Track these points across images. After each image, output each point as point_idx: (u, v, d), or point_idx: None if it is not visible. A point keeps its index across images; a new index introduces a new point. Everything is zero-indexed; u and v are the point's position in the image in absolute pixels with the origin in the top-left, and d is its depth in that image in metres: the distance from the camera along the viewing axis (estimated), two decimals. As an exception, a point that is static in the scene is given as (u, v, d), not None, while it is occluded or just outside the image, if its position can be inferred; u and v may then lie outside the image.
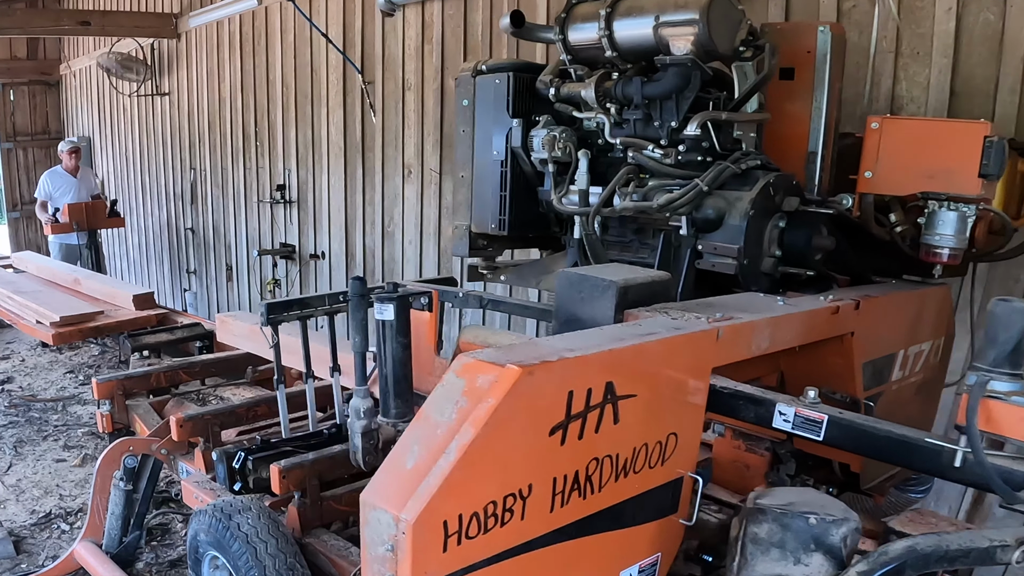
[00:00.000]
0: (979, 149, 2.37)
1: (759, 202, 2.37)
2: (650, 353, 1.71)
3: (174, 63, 8.83)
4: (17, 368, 6.67)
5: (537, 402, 1.48)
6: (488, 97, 2.85)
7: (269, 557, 2.56)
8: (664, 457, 1.77)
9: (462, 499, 1.41)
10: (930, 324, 2.78)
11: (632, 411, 1.64)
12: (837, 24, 2.84)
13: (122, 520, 3.44)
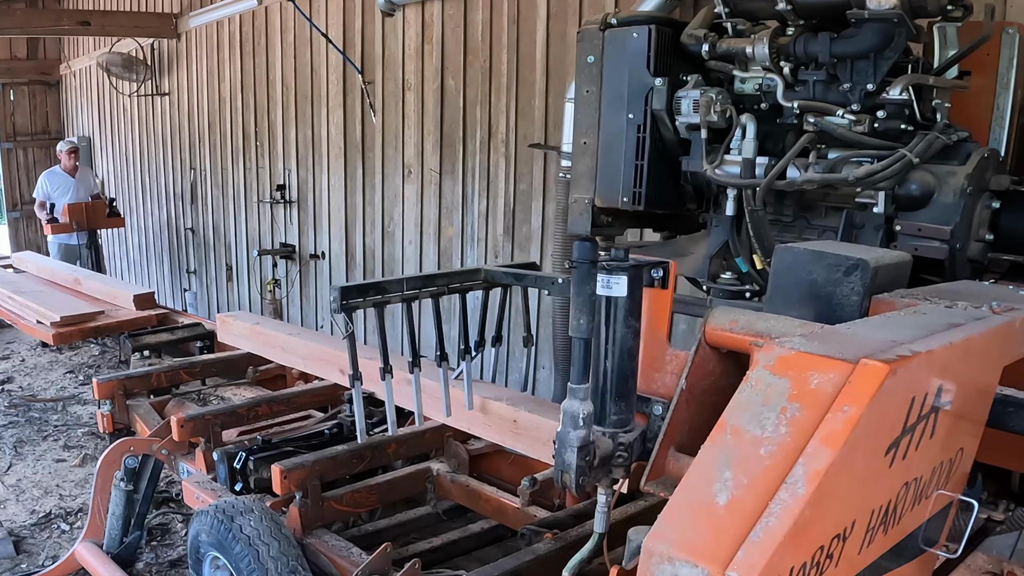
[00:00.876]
0: None
1: (975, 178, 2.08)
2: (976, 349, 1.38)
3: (174, 63, 8.83)
4: (17, 368, 6.67)
5: (888, 411, 1.13)
6: (622, 53, 2.45)
7: (271, 559, 2.56)
8: (950, 477, 1.43)
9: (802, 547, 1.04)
10: None
11: (943, 422, 1.30)
12: None
13: (123, 520, 3.43)
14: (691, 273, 2.60)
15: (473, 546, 3.24)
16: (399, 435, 3.35)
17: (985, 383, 1.48)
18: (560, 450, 1.63)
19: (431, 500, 3.38)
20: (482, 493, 3.18)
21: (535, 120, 4.92)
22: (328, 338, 3.87)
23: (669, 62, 2.45)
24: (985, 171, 2.16)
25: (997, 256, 2.20)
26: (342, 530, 3.24)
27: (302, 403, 3.84)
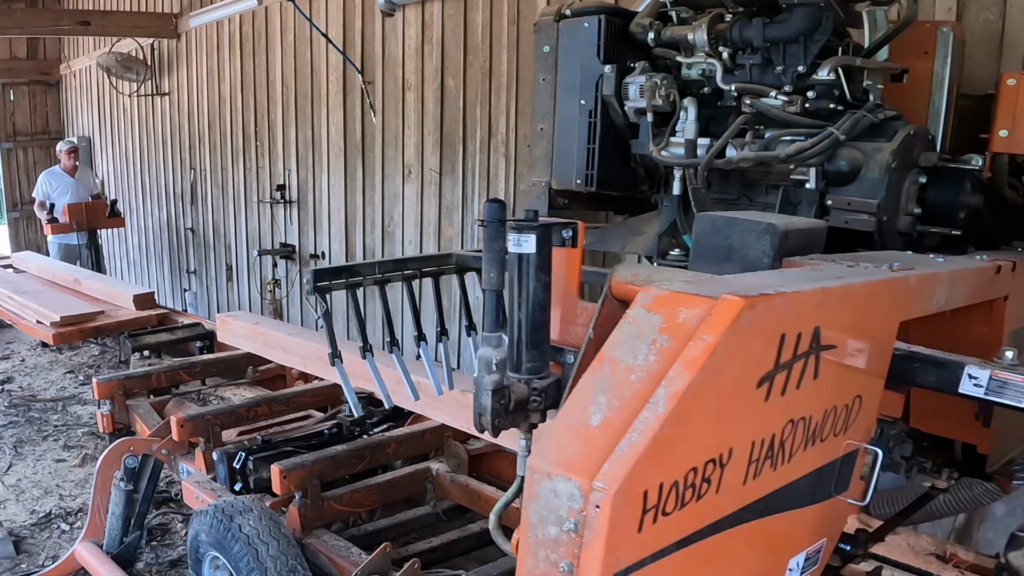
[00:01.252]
0: None
1: (900, 154, 2.19)
2: (855, 297, 1.49)
3: (174, 63, 8.83)
4: (17, 368, 6.67)
5: (753, 344, 1.23)
6: (575, 42, 2.61)
7: (271, 559, 2.56)
8: (848, 424, 1.53)
9: (668, 463, 1.13)
10: None
11: (830, 366, 1.40)
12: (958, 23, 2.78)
13: (122, 520, 3.44)
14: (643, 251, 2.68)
15: (473, 546, 3.24)
16: (399, 435, 3.36)
17: (876, 334, 1.56)
18: (477, 394, 1.77)
19: (431, 500, 3.38)
20: (482, 493, 3.19)
21: (535, 120, 4.91)
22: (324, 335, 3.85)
23: (619, 50, 2.58)
24: (912, 148, 2.26)
25: (926, 229, 2.31)
26: (342, 530, 3.24)
27: (302, 403, 3.84)
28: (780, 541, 1.53)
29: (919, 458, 2.35)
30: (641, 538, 1.14)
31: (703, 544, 1.27)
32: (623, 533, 1.11)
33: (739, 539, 1.36)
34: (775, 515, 1.44)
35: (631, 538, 1.12)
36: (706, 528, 1.27)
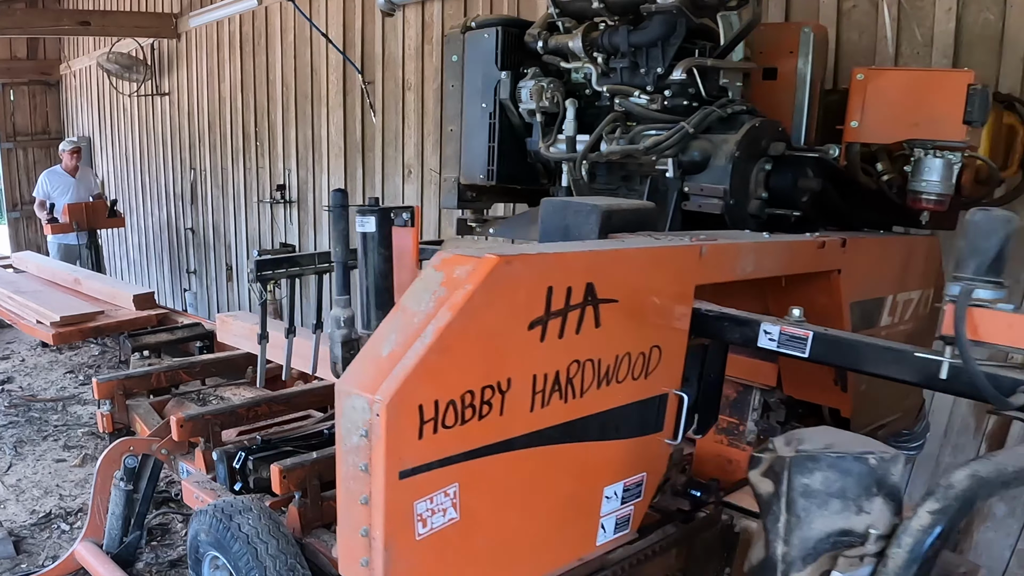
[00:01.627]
0: (963, 97, 2.43)
1: (745, 144, 2.43)
2: (631, 260, 1.74)
3: (174, 63, 8.83)
4: (17, 368, 6.67)
5: (515, 293, 1.49)
6: (477, 52, 2.90)
7: (270, 558, 2.56)
8: (648, 370, 1.79)
9: (438, 384, 1.40)
10: (919, 273, 2.79)
11: (614, 317, 1.66)
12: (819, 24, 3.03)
13: (122, 520, 3.44)
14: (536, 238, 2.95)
15: (472, 546, 3.24)
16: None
17: (667, 293, 1.81)
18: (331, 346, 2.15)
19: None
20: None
21: (535, 120, 4.91)
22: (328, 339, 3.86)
23: (516, 58, 2.86)
24: (760, 139, 2.49)
25: (773, 211, 2.54)
26: (341, 530, 3.24)
27: (302, 403, 3.84)
28: (591, 469, 1.77)
29: (793, 423, 2.65)
30: (423, 445, 1.40)
31: (497, 458, 1.53)
32: (403, 439, 1.37)
33: (539, 461, 1.61)
34: (580, 444, 1.69)
35: (412, 444, 1.39)
36: (496, 445, 1.52)
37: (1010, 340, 1.58)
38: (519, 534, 1.69)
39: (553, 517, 1.74)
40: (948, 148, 2.53)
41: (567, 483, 1.72)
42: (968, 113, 2.45)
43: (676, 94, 2.57)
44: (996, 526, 3.35)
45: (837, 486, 1.42)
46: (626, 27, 2.60)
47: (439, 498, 1.47)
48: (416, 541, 1.45)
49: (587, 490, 1.79)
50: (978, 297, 1.59)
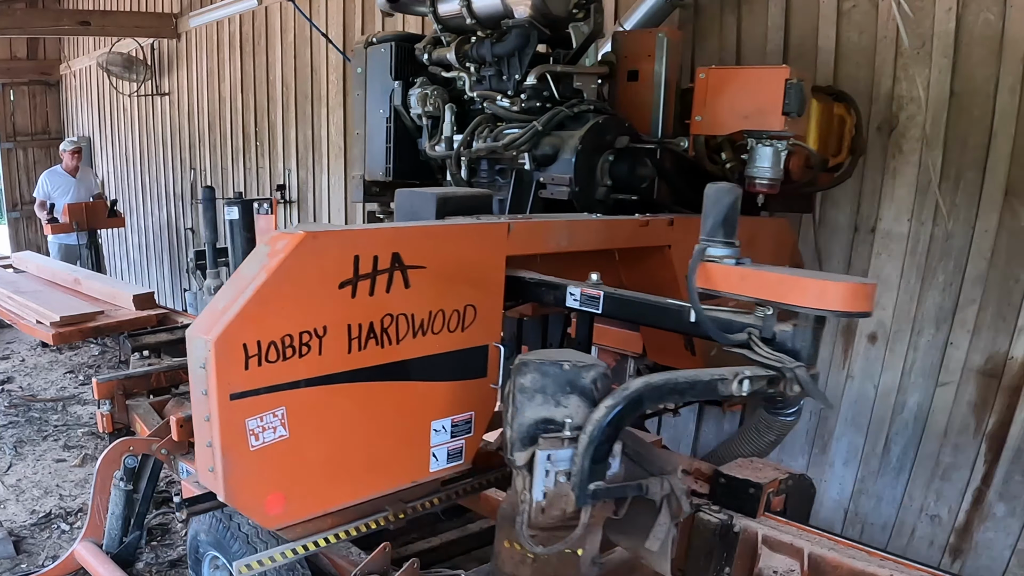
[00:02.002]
0: (781, 91, 2.73)
1: (588, 139, 2.77)
2: (437, 235, 2.08)
3: (174, 63, 8.83)
4: (17, 368, 6.67)
5: (324, 260, 1.85)
6: (376, 64, 3.28)
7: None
8: (464, 325, 2.12)
9: (259, 328, 1.78)
10: (769, 251, 3.08)
11: (423, 280, 2.01)
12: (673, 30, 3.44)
13: (122, 520, 3.43)
14: None
15: (472, 545, 3.24)
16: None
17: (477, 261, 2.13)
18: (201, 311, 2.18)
19: (430, 500, 3.38)
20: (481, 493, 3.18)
21: (534, 120, 4.91)
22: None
23: (408, 69, 3.24)
24: (605, 133, 2.83)
25: (617, 196, 2.86)
26: (341, 530, 3.24)
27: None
28: (417, 405, 2.09)
29: None
30: (249, 374, 1.78)
31: (321, 389, 1.90)
32: (231, 369, 1.76)
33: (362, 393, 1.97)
34: (403, 383, 2.03)
35: (239, 373, 1.77)
36: (317, 378, 1.89)
37: (734, 289, 1.88)
38: (350, 455, 2.03)
39: (383, 443, 2.08)
40: (776, 137, 2.85)
41: (394, 415, 2.05)
42: (786, 105, 2.73)
43: (531, 97, 2.92)
44: (996, 526, 3.35)
45: (539, 384, 1.78)
46: (490, 40, 2.95)
47: (268, 418, 1.84)
48: (250, 452, 1.83)
49: (414, 423, 2.11)
50: (710, 254, 1.89)
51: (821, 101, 3.21)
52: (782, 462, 4.03)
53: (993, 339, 3.27)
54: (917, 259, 3.44)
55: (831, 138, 3.25)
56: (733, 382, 1.75)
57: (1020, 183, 3.13)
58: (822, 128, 3.19)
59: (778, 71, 2.78)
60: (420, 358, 2.04)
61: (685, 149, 3.02)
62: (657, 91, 3.07)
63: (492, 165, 3.05)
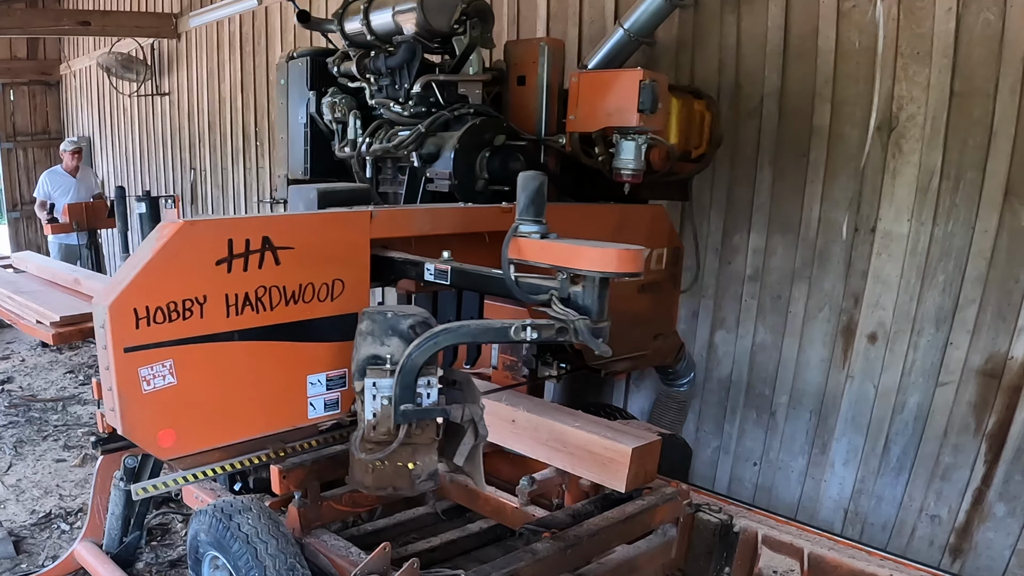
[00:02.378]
0: (636, 90, 3.04)
1: (465, 139, 3.11)
2: (303, 221, 2.47)
3: (174, 63, 8.83)
4: (17, 368, 6.67)
5: (201, 243, 2.23)
6: (295, 76, 3.66)
7: (269, 557, 2.56)
8: (333, 296, 2.48)
9: (147, 296, 2.17)
10: (643, 235, 3.44)
11: (293, 259, 2.37)
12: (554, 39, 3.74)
13: (122, 520, 3.44)
14: None
15: (472, 546, 3.25)
16: (398, 435, 3.35)
17: (343, 242, 2.48)
18: None
19: (430, 500, 3.38)
20: (481, 493, 3.19)
21: (535, 120, 4.91)
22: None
23: (322, 80, 3.59)
24: (482, 133, 3.18)
25: (494, 188, 3.17)
26: (341, 530, 3.24)
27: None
28: (294, 361, 2.44)
29: (547, 355, 3.46)
30: (139, 332, 2.16)
31: (204, 346, 2.27)
32: (124, 328, 2.15)
33: (242, 349, 2.33)
34: (279, 343, 2.39)
35: (131, 331, 2.15)
36: (200, 337, 2.26)
37: (537, 258, 2.24)
38: (233, 401, 2.37)
39: (264, 392, 2.41)
40: (637, 132, 3.17)
41: (272, 369, 2.40)
42: (641, 103, 3.05)
43: (419, 103, 3.25)
44: (996, 526, 3.35)
45: (370, 328, 2.28)
46: (384, 54, 3.30)
47: (157, 368, 2.21)
48: (143, 395, 2.20)
49: (292, 376, 2.44)
50: (521, 231, 2.25)
51: (681, 98, 3.52)
52: (782, 461, 4.03)
53: (993, 339, 3.27)
54: (917, 259, 3.44)
55: (692, 131, 3.59)
56: (522, 330, 2.13)
57: (1020, 183, 3.13)
58: (683, 123, 3.53)
59: (633, 73, 3.09)
60: (294, 323, 2.41)
61: (563, 145, 3.32)
62: (540, 94, 3.38)
63: (393, 164, 3.41)
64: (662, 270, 3.63)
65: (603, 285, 2.15)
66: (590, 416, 3.11)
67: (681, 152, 3.52)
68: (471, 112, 3.22)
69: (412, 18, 3.16)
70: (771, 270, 3.95)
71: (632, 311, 3.49)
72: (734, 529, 2.95)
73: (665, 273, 3.66)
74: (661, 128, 3.30)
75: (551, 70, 3.37)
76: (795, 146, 3.77)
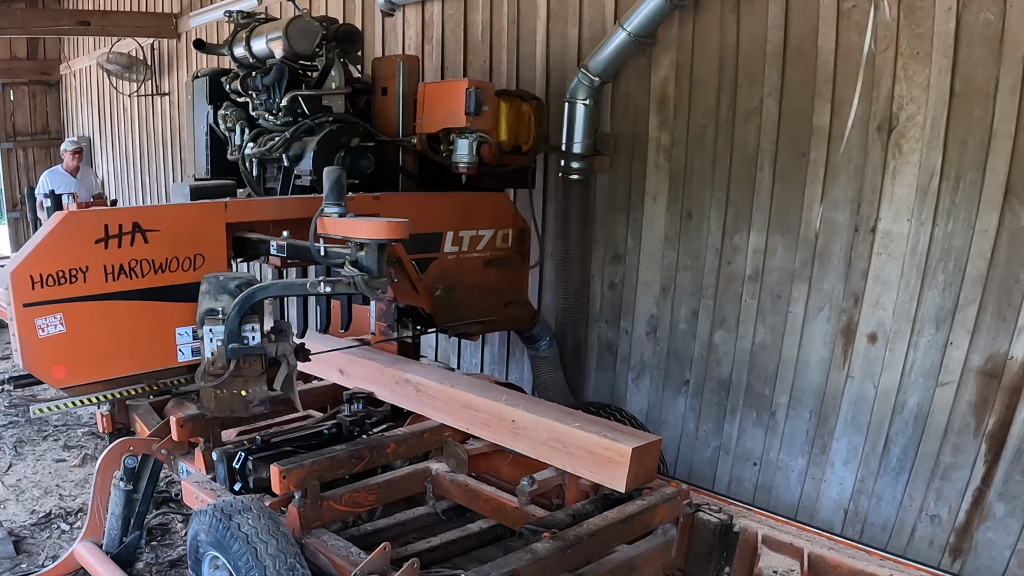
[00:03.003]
0: (463, 97, 3.70)
1: (322, 142, 3.70)
2: (166, 210, 3.28)
3: (174, 63, 8.83)
4: (17, 368, 6.66)
5: (83, 227, 2.88)
6: (199, 92, 4.29)
7: (269, 557, 2.56)
8: (195, 266, 3.12)
9: (39, 266, 2.80)
10: (487, 218, 4.09)
11: (159, 238, 3.04)
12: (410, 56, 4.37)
13: (122, 520, 3.44)
14: None
15: (472, 546, 3.24)
16: (398, 435, 3.35)
17: (200, 227, 3.15)
18: None
19: (430, 500, 3.38)
20: (481, 493, 3.19)
21: (534, 120, 4.92)
22: (328, 339, 3.87)
23: (220, 96, 4.19)
24: (339, 137, 3.76)
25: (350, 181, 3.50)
26: (341, 529, 3.24)
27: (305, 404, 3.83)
28: (164, 316, 3.09)
29: (404, 319, 4.09)
30: (34, 293, 2.79)
31: (87, 303, 2.90)
32: (22, 290, 2.77)
33: (122, 308, 2.99)
34: (152, 302, 3.04)
35: (28, 291, 2.78)
36: (84, 296, 2.89)
37: (334, 231, 2.80)
38: (115, 345, 3.01)
39: (140, 340, 3.06)
40: (468, 132, 3.78)
41: (146, 322, 3.05)
42: (467, 107, 3.70)
43: (287, 113, 3.82)
44: (996, 526, 3.35)
45: (208, 288, 2.83)
46: (260, 73, 3.90)
47: (50, 319, 2.84)
48: (39, 339, 2.83)
49: (163, 328, 3.10)
50: (326, 212, 2.79)
51: (510, 101, 4.07)
52: (782, 461, 4.03)
53: (993, 339, 3.27)
54: (917, 259, 3.43)
55: (521, 129, 4.15)
56: (318, 285, 2.74)
57: (1020, 183, 3.13)
58: (512, 122, 4.10)
59: (461, 83, 3.77)
60: (163, 287, 3.06)
61: (415, 145, 3.93)
62: (398, 103, 3.99)
63: (274, 164, 3.97)
64: (508, 248, 4.21)
65: (380, 250, 2.72)
66: (590, 416, 3.11)
67: (511, 147, 4.10)
68: (330, 120, 3.80)
69: (280, 44, 3.80)
70: (771, 270, 3.95)
71: (479, 283, 4.07)
72: (734, 529, 2.95)
73: (512, 250, 4.25)
74: (489, 128, 3.87)
75: (407, 82, 3.97)
76: (795, 146, 3.77)
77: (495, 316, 4.24)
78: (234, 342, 2.75)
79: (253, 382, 2.82)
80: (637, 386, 4.65)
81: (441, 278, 3.92)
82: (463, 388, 3.31)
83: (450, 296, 3.93)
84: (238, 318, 2.74)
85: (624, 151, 4.50)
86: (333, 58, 3.87)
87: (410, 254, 3.67)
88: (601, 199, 4.64)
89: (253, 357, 2.80)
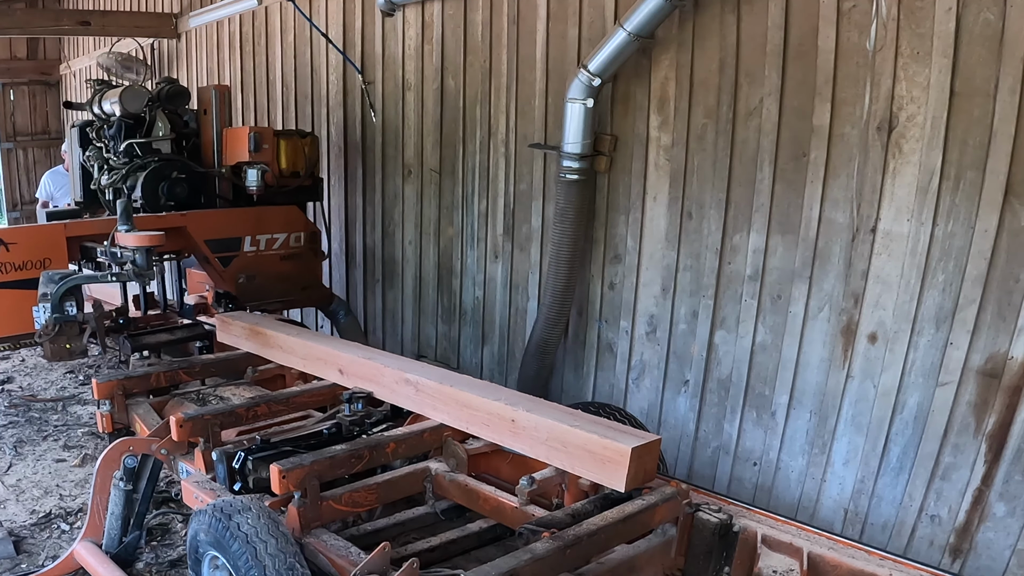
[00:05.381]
0: (247, 137, 5.15)
1: (148, 176, 5.04)
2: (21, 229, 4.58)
3: (174, 63, 8.83)
4: (17, 368, 6.67)
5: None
6: (73, 138, 5.73)
7: (269, 557, 2.56)
8: (45, 267, 4.24)
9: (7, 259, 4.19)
10: (280, 224, 5.39)
11: (17, 248, 4.27)
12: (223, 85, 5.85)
13: (122, 520, 3.44)
14: None
15: (472, 545, 3.24)
16: (398, 435, 3.35)
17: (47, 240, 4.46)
18: None
19: (430, 500, 3.38)
20: (480, 492, 3.18)
21: (535, 120, 4.92)
22: (327, 338, 3.88)
23: (87, 141, 5.62)
24: (163, 171, 5.11)
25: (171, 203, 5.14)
26: (341, 529, 3.24)
27: (301, 403, 3.84)
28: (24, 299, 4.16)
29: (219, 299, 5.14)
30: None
31: None
32: None
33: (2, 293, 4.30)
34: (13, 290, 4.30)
35: None
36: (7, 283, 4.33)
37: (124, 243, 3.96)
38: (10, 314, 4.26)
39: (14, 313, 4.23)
40: (254, 164, 5.16)
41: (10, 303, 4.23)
42: (250, 145, 5.14)
43: (124, 155, 5.22)
44: (996, 526, 3.35)
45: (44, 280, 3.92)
46: (105, 126, 5.34)
47: None
48: None
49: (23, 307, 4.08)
50: (119, 228, 3.92)
51: (288, 139, 5.38)
52: (782, 461, 4.03)
53: (993, 339, 3.27)
54: (917, 259, 3.44)
55: (298, 159, 5.45)
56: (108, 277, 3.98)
57: (1020, 183, 3.13)
58: (291, 154, 5.39)
59: (245, 129, 5.17)
60: (21, 280, 4.25)
61: (223, 173, 5.32)
62: (211, 132, 5.38)
63: (124, 193, 5.09)
64: (301, 246, 5.51)
65: (146, 252, 3.91)
66: (590, 416, 3.11)
67: (291, 172, 5.40)
68: (155, 160, 5.14)
69: (117, 106, 5.17)
70: (771, 270, 3.95)
71: (278, 272, 5.38)
72: (734, 529, 2.95)
73: (305, 248, 5.54)
74: (269, 160, 5.23)
75: (219, 112, 5.38)
76: (795, 146, 3.77)
77: (294, 297, 5.65)
78: (57, 313, 3.92)
79: (73, 339, 4.05)
80: (637, 386, 4.65)
81: (243, 269, 5.22)
82: (463, 388, 3.31)
83: (251, 283, 5.25)
84: (58, 297, 3.90)
85: (624, 151, 4.50)
86: (157, 114, 5.21)
87: (215, 253, 5.05)
88: (601, 199, 4.64)
89: (71, 323, 3.99)
